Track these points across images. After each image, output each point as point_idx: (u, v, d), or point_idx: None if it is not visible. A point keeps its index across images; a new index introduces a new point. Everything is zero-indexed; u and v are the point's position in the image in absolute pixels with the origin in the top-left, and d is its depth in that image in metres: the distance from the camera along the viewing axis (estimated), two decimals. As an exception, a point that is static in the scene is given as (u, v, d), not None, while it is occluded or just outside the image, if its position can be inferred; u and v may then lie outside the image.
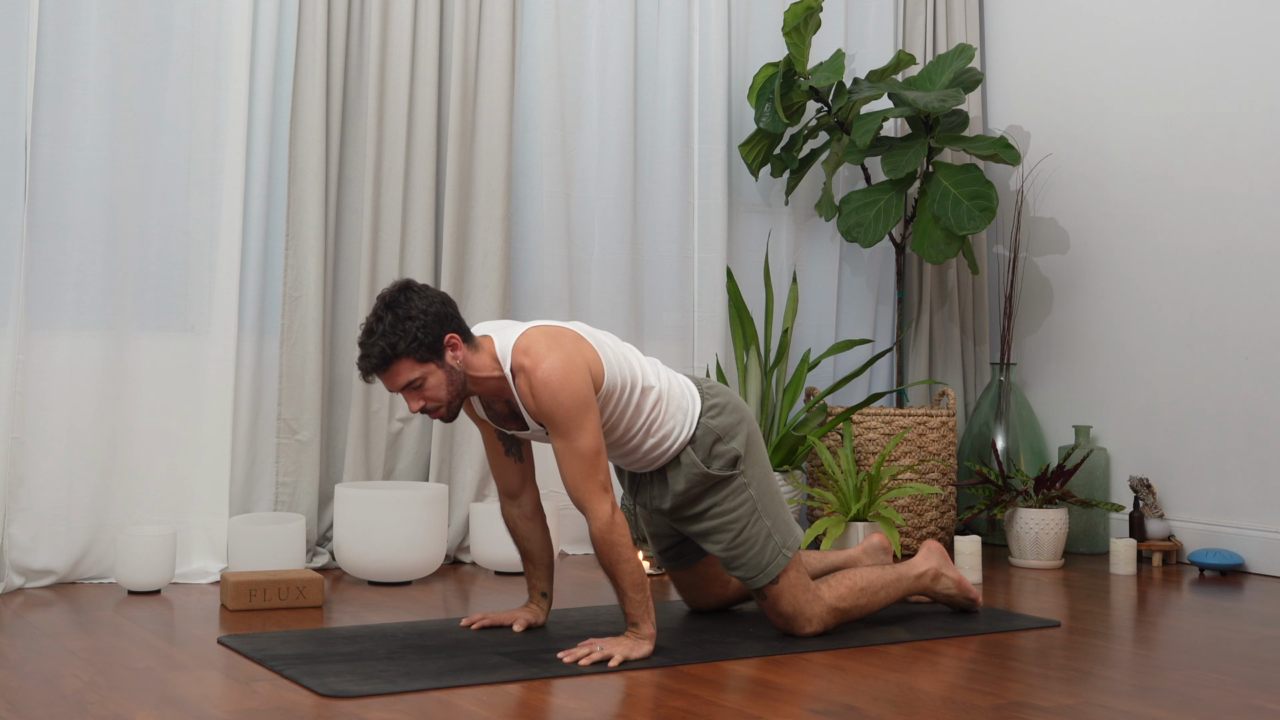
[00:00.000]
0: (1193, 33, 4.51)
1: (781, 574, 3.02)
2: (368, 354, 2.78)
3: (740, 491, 3.03)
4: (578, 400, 2.78)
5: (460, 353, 2.83)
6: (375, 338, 2.77)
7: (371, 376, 2.82)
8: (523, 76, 4.41)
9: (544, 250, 4.39)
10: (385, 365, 2.78)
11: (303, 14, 3.99)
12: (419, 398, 2.81)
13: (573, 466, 2.80)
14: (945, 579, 3.34)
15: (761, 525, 3.03)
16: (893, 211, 4.57)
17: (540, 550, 3.14)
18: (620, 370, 2.91)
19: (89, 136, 3.73)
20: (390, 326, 2.76)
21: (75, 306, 3.73)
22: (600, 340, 2.92)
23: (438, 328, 2.79)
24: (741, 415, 3.07)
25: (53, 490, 3.67)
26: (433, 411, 2.84)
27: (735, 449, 3.02)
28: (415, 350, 2.76)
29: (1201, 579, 4.11)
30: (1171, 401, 4.53)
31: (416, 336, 2.76)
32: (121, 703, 2.43)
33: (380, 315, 2.78)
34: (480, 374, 2.86)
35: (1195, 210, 4.47)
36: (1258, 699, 2.57)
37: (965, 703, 2.50)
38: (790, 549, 3.04)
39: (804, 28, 4.52)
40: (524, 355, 2.81)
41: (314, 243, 3.99)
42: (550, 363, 2.77)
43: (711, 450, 3.01)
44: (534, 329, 2.88)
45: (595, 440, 2.80)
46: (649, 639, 2.83)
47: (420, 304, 2.79)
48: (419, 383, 2.80)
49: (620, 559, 2.80)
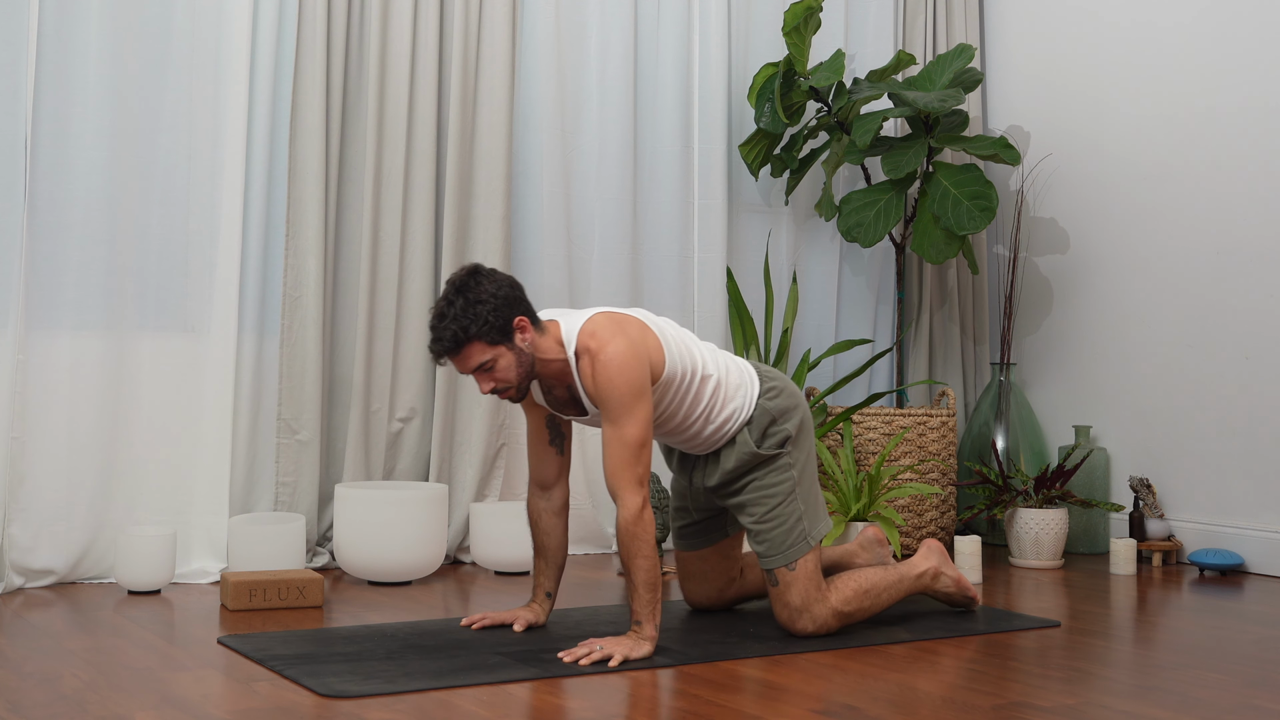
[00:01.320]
0: (1192, 33, 4.51)
1: (800, 560, 3.05)
2: (439, 337, 2.84)
3: (784, 470, 3.10)
4: (633, 387, 2.84)
5: (529, 335, 2.89)
6: (447, 321, 2.82)
7: (443, 359, 2.88)
8: (523, 76, 4.41)
9: (544, 250, 4.39)
10: (457, 348, 2.84)
11: (303, 14, 3.99)
12: (489, 379, 2.87)
13: (615, 453, 2.84)
14: (945, 578, 3.35)
15: (795, 507, 3.08)
16: (893, 211, 4.58)
17: (557, 549, 3.15)
18: (681, 359, 2.98)
19: (89, 136, 3.73)
20: (461, 310, 2.82)
21: (75, 306, 3.73)
22: (662, 329, 2.99)
23: (507, 311, 2.85)
24: (797, 401, 3.16)
25: (53, 490, 3.67)
26: (502, 392, 2.91)
27: (788, 430, 3.10)
28: (486, 333, 2.82)
29: (1201, 579, 4.11)
30: (1171, 402, 4.53)
31: (487, 320, 2.82)
32: (121, 703, 2.43)
33: (451, 299, 2.84)
34: (546, 356, 2.92)
35: (1195, 210, 4.47)
36: (1258, 699, 2.57)
37: (965, 703, 2.50)
38: (815, 537, 3.09)
39: (804, 28, 4.52)
40: (590, 338, 2.87)
41: (314, 243, 4.00)
42: (614, 347, 2.84)
43: (766, 431, 3.09)
44: (600, 314, 2.93)
45: (642, 432, 2.84)
46: (650, 640, 2.83)
47: (490, 287, 2.85)
48: (490, 365, 2.86)
49: (639, 554, 2.83)
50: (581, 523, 4.38)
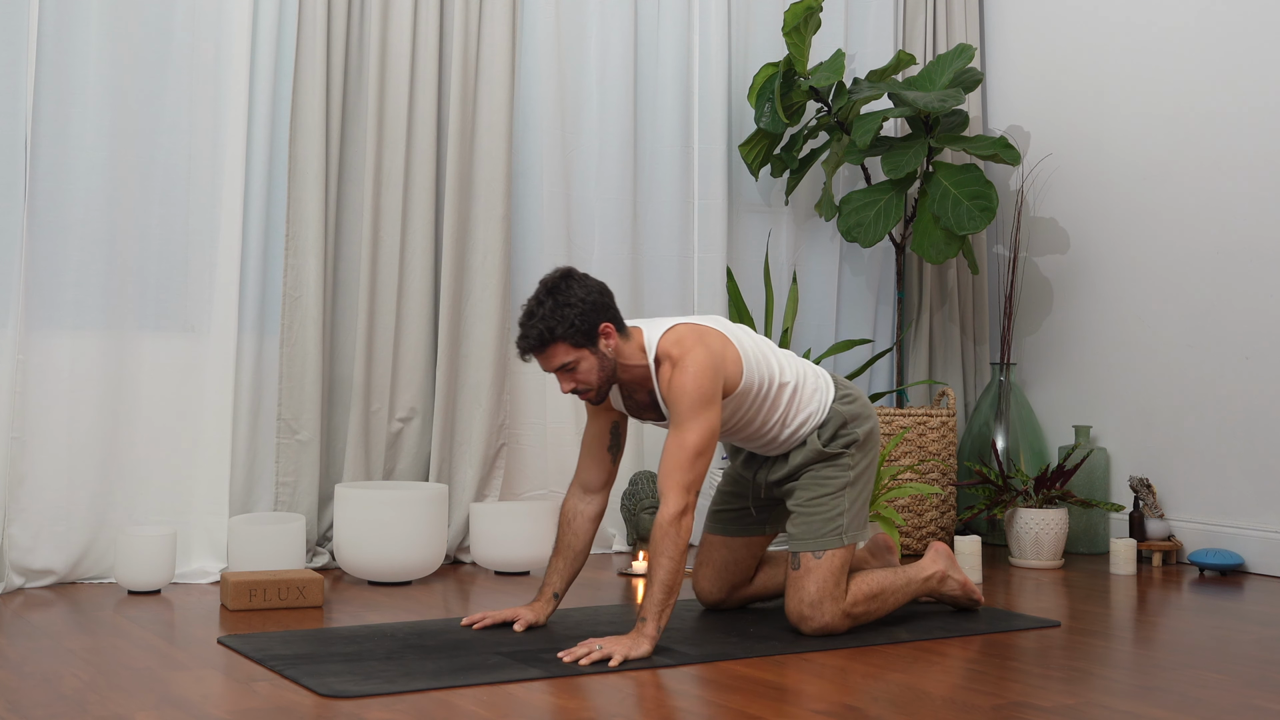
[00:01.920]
0: (1192, 32, 4.51)
1: (828, 552, 3.09)
2: (526, 334, 2.93)
3: (842, 469, 3.18)
4: (701, 397, 2.91)
5: (613, 341, 2.98)
6: (535, 320, 2.92)
7: (528, 356, 2.97)
8: (523, 76, 4.41)
9: (544, 250, 4.39)
10: (542, 347, 2.93)
11: (303, 14, 3.99)
12: (571, 380, 2.97)
13: (672, 455, 2.90)
14: (951, 580, 3.37)
15: (841, 503, 3.15)
16: (893, 211, 4.58)
17: (579, 553, 3.17)
18: (759, 370, 3.08)
19: (89, 136, 3.73)
20: (550, 311, 2.91)
21: (75, 306, 3.73)
22: (741, 340, 3.06)
23: (594, 316, 2.93)
24: (870, 413, 3.26)
25: (53, 490, 3.67)
26: (583, 394, 3.00)
27: (856, 434, 3.19)
28: (571, 335, 2.91)
29: (1201, 579, 4.11)
30: (1171, 402, 4.53)
31: (574, 323, 2.90)
32: (121, 703, 2.43)
33: (541, 299, 2.93)
34: (628, 362, 3.02)
35: (1195, 210, 4.47)
36: (1258, 699, 2.57)
37: (965, 703, 2.50)
38: (849, 538, 3.13)
39: (804, 28, 4.52)
40: (672, 346, 2.97)
41: (314, 243, 4.00)
42: (693, 355, 2.93)
43: (836, 433, 3.19)
44: (683, 325, 3.04)
45: (701, 440, 2.90)
46: (649, 639, 2.83)
47: (580, 292, 2.93)
48: (572, 366, 2.95)
49: (665, 554, 2.85)
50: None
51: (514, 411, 4.34)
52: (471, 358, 4.25)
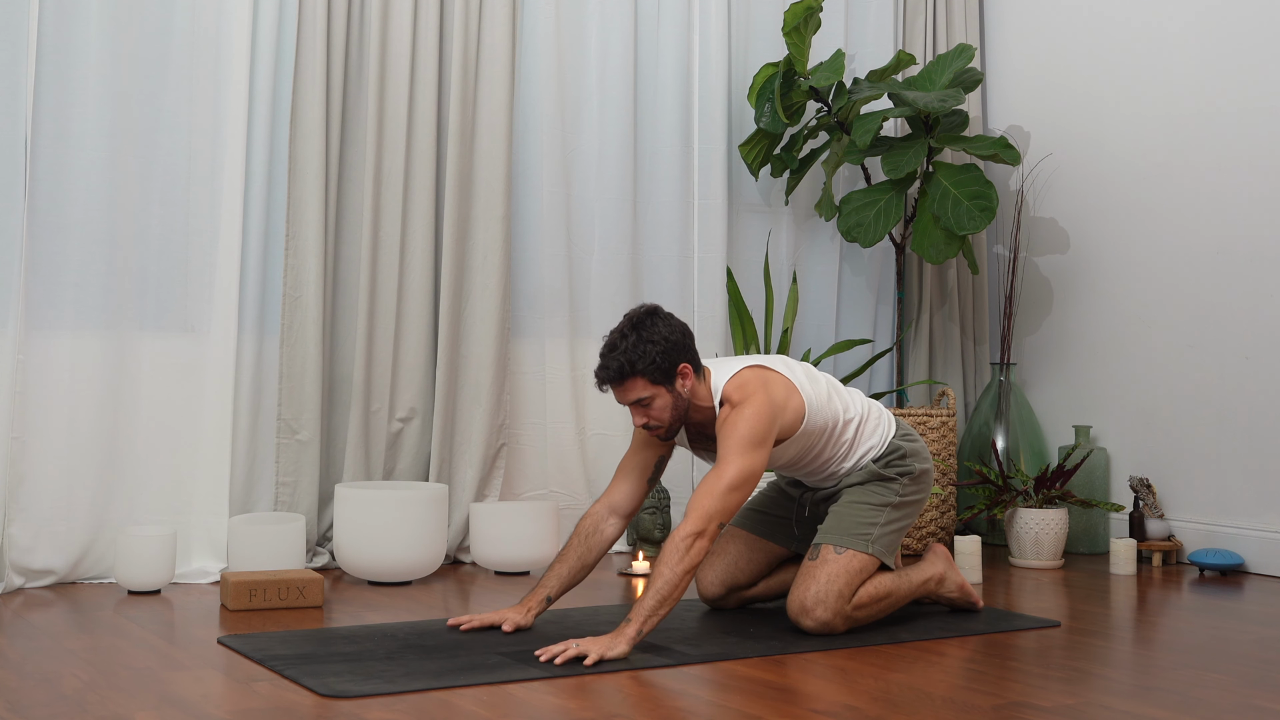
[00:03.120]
0: (1192, 32, 4.51)
1: (850, 551, 3.11)
2: (607, 365, 2.98)
3: (889, 492, 3.22)
4: (752, 438, 2.95)
5: (689, 382, 3.04)
6: (616, 353, 2.97)
7: (605, 387, 3.01)
8: (523, 76, 4.41)
9: (544, 250, 4.39)
10: (621, 380, 2.98)
11: (303, 14, 3.99)
12: (644, 414, 3.02)
13: (709, 483, 2.92)
14: (949, 582, 3.37)
15: (878, 515, 3.18)
16: (893, 211, 4.57)
17: (584, 568, 3.16)
18: (823, 413, 3.14)
19: (89, 136, 3.73)
20: (632, 345, 2.96)
21: (75, 306, 3.73)
22: (803, 385, 3.11)
23: (675, 355, 2.99)
24: (927, 456, 3.32)
25: (53, 490, 3.67)
26: (653, 430, 3.05)
27: (911, 467, 3.25)
28: (650, 372, 2.96)
29: (1201, 579, 4.11)
30: (1171, 402, 4.53)
31: (655, 360, 2.96)
32: (121, 703, 2.43)
33: (625, 333, 2.98)
34: (700, 403, 3.08)
35: (1195, 210, 4.47)
36: (1258, 699, 2.57)
37: (965, 703, 2.50)
38: (875, 552, 3.16)
39: (804, 28, 4.52)
40: (736, 390, 3.02)
41: (314, 243, 4.00)
42: (754, 402, 2.98)
43: (890, 460, 3.24)
44: (749, 369, 3.08)
45: (740, 478, 2.92)
46: (628, 641, 2.81)
47: (664, 330, 2.99)
48: (647, 401, 3.00)
49: (668, 565, 2.85)
50: (582, 523, 4.38)
51: (514, 411, 4.34)
52: (471, 358, 4.24)
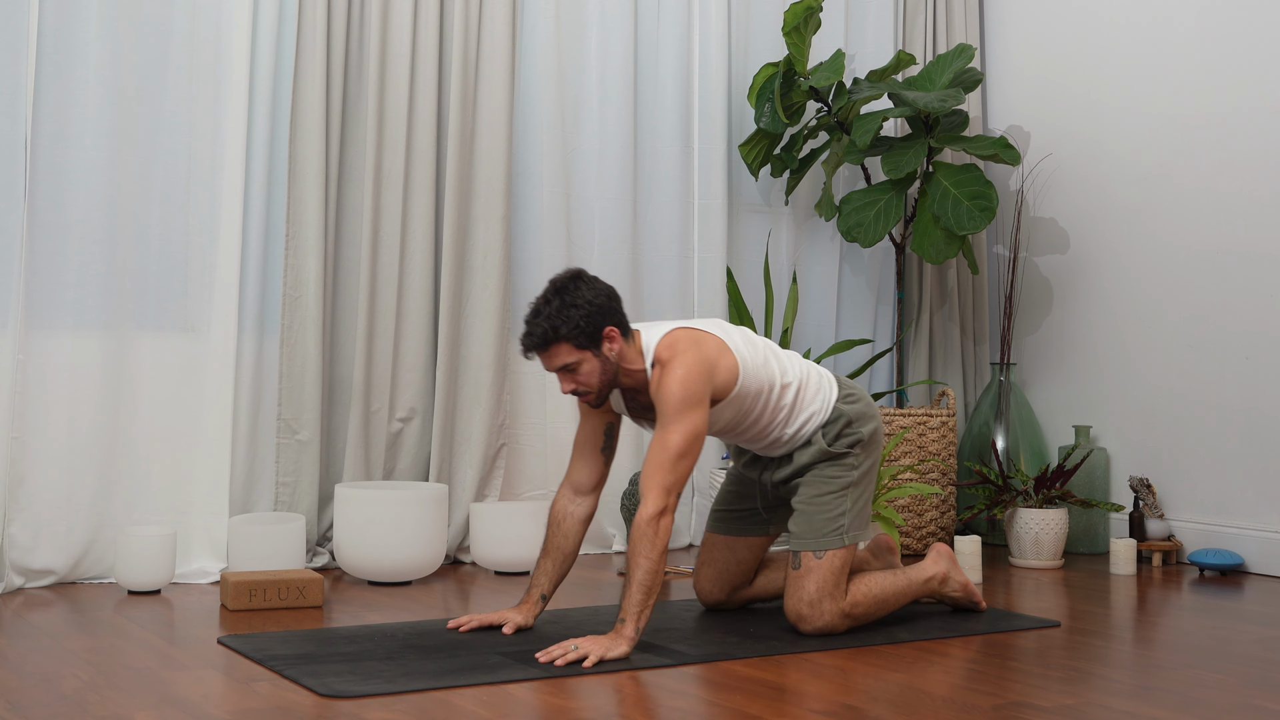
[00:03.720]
0: (1192, 32, 4.51)
1: (829, 552, 3.09)
2: (531, 332, 2.94)
3: (847, 469, 3.18)
4: (688, 399, 2.91)
5: (617, 345, 2.99)
6: (540, 319, 2.93)
7: (531, 354, 2.98)
8: (523, 76, 4.41)
9: (544, 250, 4.39)
10: (545, 346, 2.94)
11: (303, 14, 3.99)
12: (572, 380, 2.98)
13: (655, 456, 2.90)
14: (952, 582, 3.37)
15: (843, 502, 3.15)
16: (893, 211, 4.57)
17: (568, 555, 3.15)
18: (758, 375, 3.08)
19: (89, 136, 3.73)
20: (556, 311, 2.92)
21: (75, 306, 3.73)
22: (738, 346, 3.06)
23: (599, 319, 2.94)
24: (874, 411, 3.26)
25: (53, 490, 3.67)
26: (582, 395, 3.01)
27: (861, 434, 3.19)
28: (575, 337, 2.92)
29: (1201, 579, 4.11)
30: (1171, 402, 4.53)
31: (578, 324, 2.91)
32: (121, 703, 2.43)
33: (549, 298, 2.94)
34: (630, 366, 3.03)
35: (1195, 210, 4.47)
36: (1258, 699, 2.57)
37: (965, 703, 2.50)
38: (851, 538, 3.14)
39: (804, 28, 4.52)
40: (666, 349, 2.98)
41: (314, 243, 4.00)
42: (684, 359, 2.94)
43: (840, 432, 3.18)
44: (680, 329, 3.04)
45: (686, 443, 2.90)
46: (628, 640, 2.82)
47: (587, 294, 2.94)
48: (574, 367, 2.96)
49: (644, 554, 2.84)
50: (582, 523, 4.38)
51: (514, 411, 4.34)
52: (471, 358, 4.24)
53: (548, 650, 2.78)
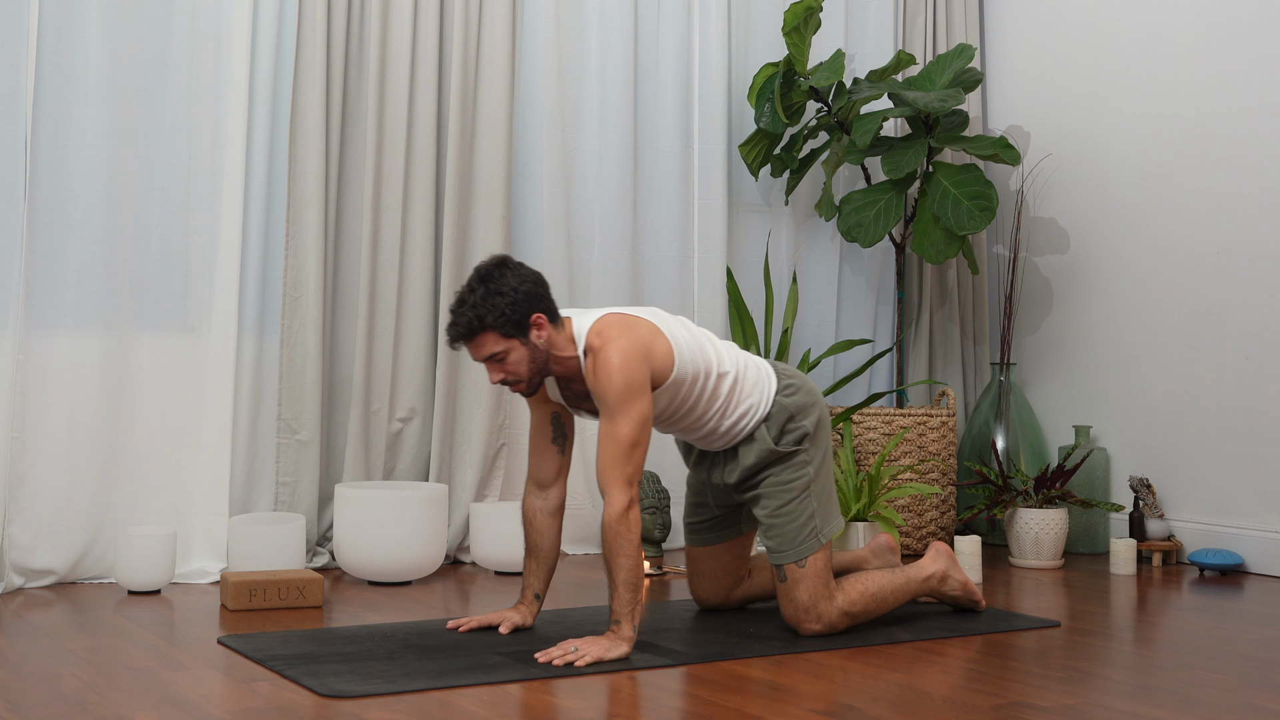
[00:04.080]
0: (1193, 32, 4.51)
1: (810, 557, 3.07)
2: (456, 322, 2.89)
3: (800, 467, 3.12)
4: (630, 387, 2.86)
5: (545, 332, 2.93)
6: (465, 308, 2.87)
7: (458, 344, 2.93)
8: (523, 76, 4.41)
9: (544, 250, 4.39)
10: (471, 336, 2.89)
11: (303, 14, 3.99)
12: (500, 370, 2.92)
13: (607, 449, 2.86)
14: (951, 580, 3.35)
15: (808, 504, 3.11)
16: (893, 211, 4.58)
17: (549, 550, 3.14)
18: (694, 361, 3.01)
19: (89, 136, 3.73)
20: (481, 299, 2.86)
21: (75, 306, 3.73)
22: (674, 331, 3.00)
23: (526, 306, 2.89)
24: (816, 398, 3.19)
25: (53, 490, 3.67)
26: (513, 385, 2.95)
27: (805, 427, 3.13)
28: (501, 325, 2.86)
29: (1201, 579, 4.11)
30: (1171, 402, 4.53)
31: (504, 312, 2.86)
32: (121, 703, 2.43)
33: (473, 287, 2.88)
34: (561, 354, 2.96)
35: (1195, 210, 4.47)
36: (1258, 699, 2.57)
37: (965, 703, 2.50)
38: (826, 535, 3.10)
39: (804, 28, 4.52)
40: (596, 336, 2.91)
41: (314, 243, 4.00)
42: (616, 346, 2.87)
43: (784, 427, 3.12)
44: (611, 314, 2.98)
45: (635, 431, 2.86)
46: (627, 641, 2.82)
47: (513, 281, 2.89)
48: (501, 356, 2.90)
49: (621, 552, 2.82)
50: (582, 523, 4.38)
51: (514, 411, 4.34)
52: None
53: (547, 651, 2.78)
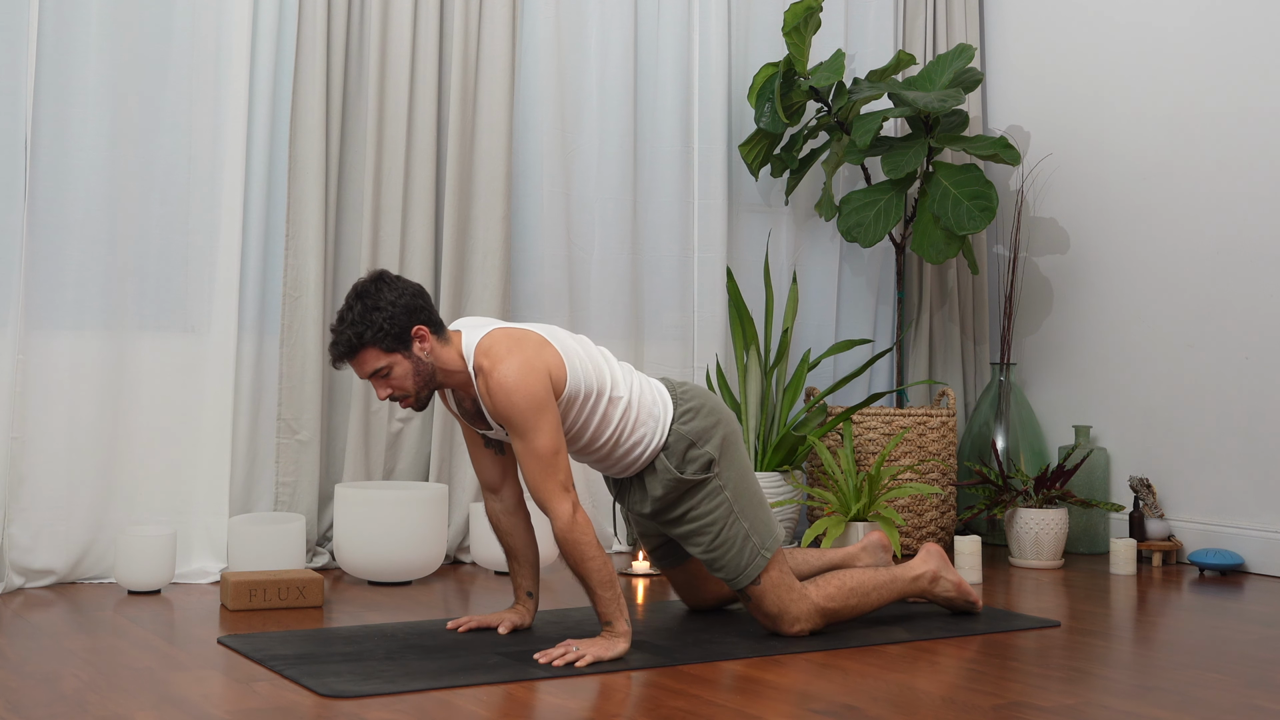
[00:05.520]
0: (1192, 32, 4.51)
1: (762, 574, 3.02)
2: (336, 341, 2.86)
3: (715, 495, 3.04)
4: (533, 402, 2.79)
5: (428, 344, 2.88)
6: (345, 326, 2.85)
7: (340, 363, 2.90)
8: (523, 76, 4.41)
9: (544, 250, 4.39)
10: (352, 353, 2.86)
11: (303, 14, 3.99)
12: (386, 385, 2.88)
13: (531, 467, 2.81)
14: (944, 581, 3.32)
15: (739, 527, 3.03)
16: (893, 211, 4.58)
17: (524, 547, 3.13)
18: (586, 378, 2.92)
19: (89, 136, 3.73)
20: (359, 316, 2.83)
21: (75, 306, 3.73)
22: (566, 346, 2.92)
23: (405, 319, 2.85)
24: (718, 418, 3.08)
25: (53, 490, 3.67)
26: (401, 400, 2.92)
27: (709, 453, 3.03)
28: (381, 340, 2.83)
29: (1201, 579, 4.11)
30: (1171, 401, 4.53)
31: (383, 327, 2.83)
32: (121, 703, 2.43)
33: (351, 305, 2.86)
34: (448, 367, 2.91)
35: (1195, 210, 4.47)
36: (1258, 699, 2.57)
37: (965, 703, 2.50)
38: (769, 549, 3.04)
39: (804, 28, 4.52)
40: (484, 356, 2.85)
41: (314, 243, 4.00)
42: (508, 365, 2.80)
43: (685, 455, 3.02)
44: (498, 330, 2.92)
45: (553, 440, 2.81)
46: (624, 636, 2.81)
47: (390, 295, 2.85)
48: (385, 371, 2.86)
49: (584, 557, 2.81)
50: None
51: (514, 411, 4.34)
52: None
53: (547, 651, 2.78)
